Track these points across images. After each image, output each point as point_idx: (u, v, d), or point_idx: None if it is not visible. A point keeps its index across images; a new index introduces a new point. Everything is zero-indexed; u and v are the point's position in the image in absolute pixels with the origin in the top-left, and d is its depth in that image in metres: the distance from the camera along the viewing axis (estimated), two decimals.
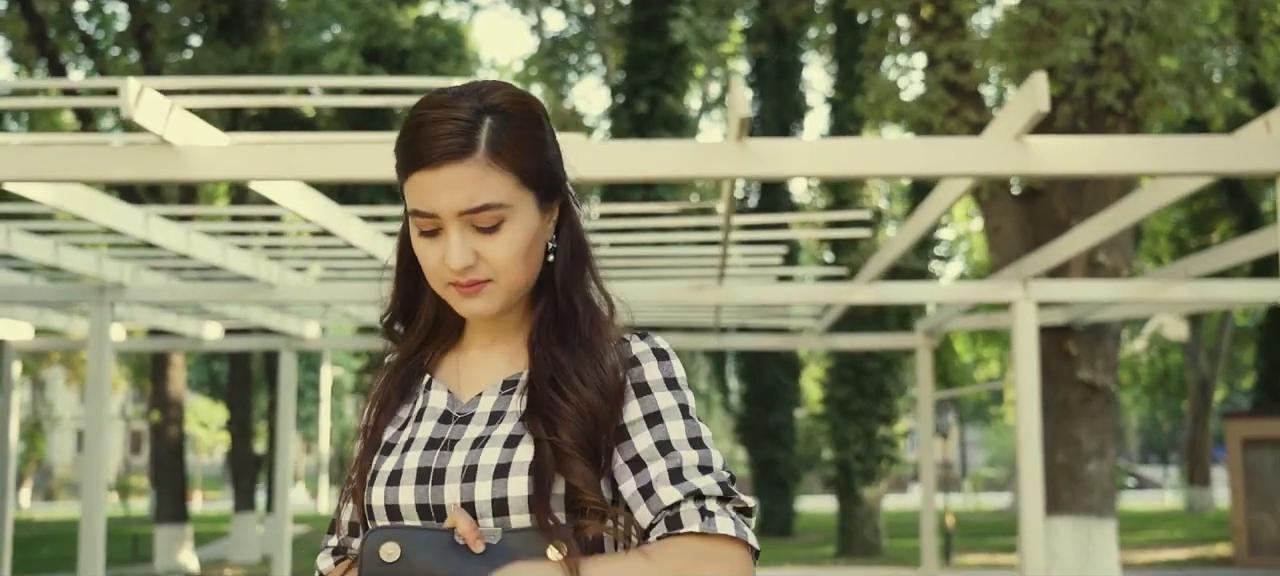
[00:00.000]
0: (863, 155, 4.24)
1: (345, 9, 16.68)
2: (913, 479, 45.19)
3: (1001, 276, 8.09)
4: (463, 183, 1.47)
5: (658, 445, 1.49)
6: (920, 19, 10.05)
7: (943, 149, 4.26)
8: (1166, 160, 4.10)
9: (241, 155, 4.43)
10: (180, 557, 17.27)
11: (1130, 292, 7.64)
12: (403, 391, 1.63)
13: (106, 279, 7.48)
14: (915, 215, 6.20)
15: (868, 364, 19.54)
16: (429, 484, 1.49)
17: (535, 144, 1.52)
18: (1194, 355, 26.38)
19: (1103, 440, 9.54)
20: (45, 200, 5.10)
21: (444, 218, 1.48)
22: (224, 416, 37.48)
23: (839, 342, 11.22)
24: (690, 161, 4.25)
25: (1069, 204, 9.63)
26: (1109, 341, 9.58)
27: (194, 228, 6.77)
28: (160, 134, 4.12)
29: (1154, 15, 8.81)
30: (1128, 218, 5.86)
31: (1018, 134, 4.10)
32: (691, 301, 7.89)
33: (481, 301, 1.52)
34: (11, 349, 10.18)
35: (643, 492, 1.46)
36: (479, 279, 1.51)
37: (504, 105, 1.50)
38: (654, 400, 1.53)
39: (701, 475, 1.47)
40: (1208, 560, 18.17)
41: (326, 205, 5.75)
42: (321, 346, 10.66)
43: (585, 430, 1.49)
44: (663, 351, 1.56)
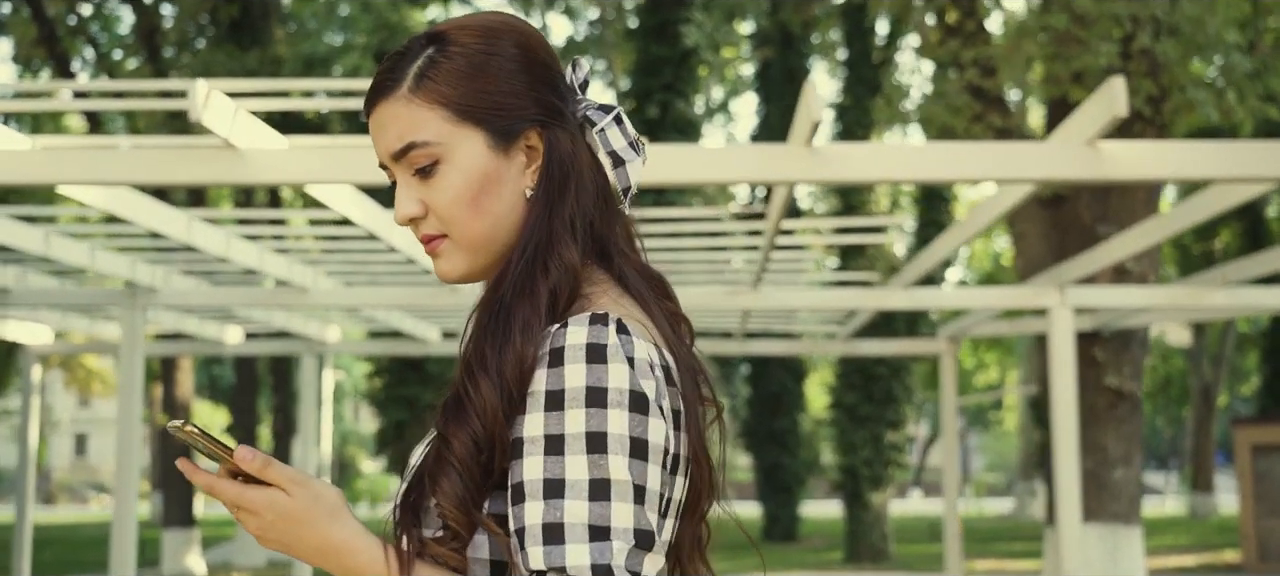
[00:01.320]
0: (930, 160, 4.22)
1: (357, 11, 16.65)
2: (913, 484, 45.21)
3: (1037, 282, 8.06)
4: (387, 121, 1.32)
5: (546, 482, 1.18)
6: (945, 24, 10.04)
7: (1013, 154, 4.24)
8: (1241, 166, 4.07)
9: (301, 158, 4.40)
10: (188, 561, 17.20)
11: (1169, 299, 7.63)
12: None
13: (139, 282, 7.44)
14: (966, 220, 6.18)
15: (876, 369, 19.53)
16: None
17: (477, 71, 1.31)
18: (1197, 361, 26.41)
19: (1129, 447, 9.53)
20: (95, 203, 5.07)
21: (389, 166, 1.35)
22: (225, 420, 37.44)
23: (863, 348, 11.18)
24: (759, 165, 4.22)
25: (1094, 210, 9.63)
26: (1136, 347, 9.57)
27: (235, 233, 6.74)
28: (226, 137, 4.09)
29: (1183, 20, 8.80)
30: (1178, 224, 5.84)
31: (1090, 139, 4.07)
32: (724, 307, 7.86)
33: (442, 263, 1.35)
34: (31, 353, 10.13)
35: (517, 536, 1.20)
36: (432, 233, 1.34)
37: (450, 32, 1.34)
38: (561, 418, 1.20)
39: (583, 543, 1.16)
40: (1217, 566, 18.17)
41: (375, 208, 5.72)
42: (343, 350, 10.62)
43: (481, 433, 1.24)
44: (598, 349, 1.21)
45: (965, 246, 23.81)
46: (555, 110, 1.35)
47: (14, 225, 6.26)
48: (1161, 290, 7.87)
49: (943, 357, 10.22)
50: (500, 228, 1.33)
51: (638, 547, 1.18)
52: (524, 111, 1.33)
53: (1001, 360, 38.47)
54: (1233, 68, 8.87)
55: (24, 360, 10.13)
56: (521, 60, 1.34)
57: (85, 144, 4.84)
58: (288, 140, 4.55)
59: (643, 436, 1.20)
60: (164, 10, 18.38)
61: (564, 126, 1.36)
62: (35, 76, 19.07)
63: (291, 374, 21.06)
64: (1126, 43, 9.06)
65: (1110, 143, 4.09)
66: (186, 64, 17.89)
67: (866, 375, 19.60)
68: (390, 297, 7.66)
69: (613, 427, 1.19)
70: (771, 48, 22.73)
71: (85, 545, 23.55)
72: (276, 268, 7.27)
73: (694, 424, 1.29)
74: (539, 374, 1.22)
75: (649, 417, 1.21)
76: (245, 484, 1.26)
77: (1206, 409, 26.41)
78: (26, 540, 10.13)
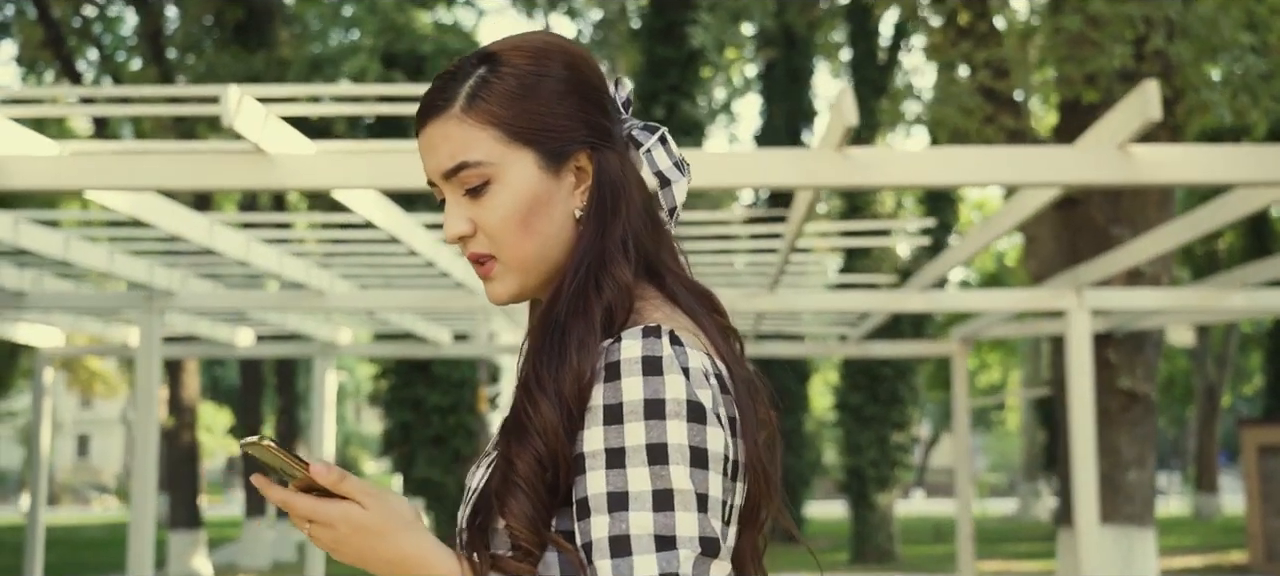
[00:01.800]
0: (963, 164, 4.21)
1: (364, 13, 16.65)
2: (916, 484, 45.21)
3: (1053, 284, 8.06)
4: (440, 141, 1.33)
5: (610, 496, 1.20)
6: (956, 25, 10.04)
7: (1044, 158, 4.24)
8: (1272, 169, 4.07)
9: (330, 163, 4.40)
10: (194, 563, 17.19)
11: (1186, 301, 7.62)
12: None
13: (155, 285, 7.43)
14: (989, 222, 6.18)
15: (881, 370, 19.54)
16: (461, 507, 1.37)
17: (528, 92, 1.33)
18: (1201, 361, 26.42)
19: (1142, 449, 9.52)
20: (119, 208, 5.06)
21: (438, 184, 1.36)
22: (228, 421, 37.46)
23: (876, 350, 11.18)
24: (791, 169, 4.22)
25: (1106, 211, 9.62)
26: (1149, 349, 9.56)
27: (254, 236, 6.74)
28: (257, 143, 4.09)
29: (1197, 22, 8.80)
30: (1201, 227, 5.84)
31: (1122, 143, 4.07)
32: (743, 309, 7.86)
33: (494, 285, 1.36)
34: (43, 355, 10.12)
35: (584, 550, 1.21)
36: (483, 253, 1.35)
37: (502, 53, 1.35)
38: (621, 432, 1.21)
39: (650, 554, 1.17)
40: (1224, 567, 18.17)
41: (397, 212, 5.72)
42: (354, 352, 10.61)
43: (544, 452, 1.24)
44: (654, 361, 1.22)
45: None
46: (604, 131, 1.37)
47: (35, 229, 6.26)
48: (1179, 292, 7.87)
49: (955, 359, 10.21)
50: (550, 248, 1.34)
51: (704, 555, 1.19)
52: (574, 133, 1.34)
53: (1004, 361, 38.48)
54: (1246, 69, 8.87)
55: (36, 363, 10.11)
56: (572, 82, 1.36)
57: (116, 149, 4.84)
58: (315, 145, 4.55)
59: (702, 445, 1.21)
60: (168, 12, 18.38)
61: (613, 147, 1.37)
62: (40, 79, 19.07)
63: (296, 376, 21.08)
64: (1140, 44, 9.05)
65: (1142, 146, 4.09)
66: (191, 66, 17.89)
67: (872, 376, 19.61)
68: (405, 300, 7.65)
69: (672, 438, 1.20)
70: (775, 49, 22.74)
71: (88, 546, 23.56)
72: (294, 271, 7.27)
73: (749, 431, 1.29)
74: (597, 389, 1.23)
75: (707, 426, 1.22)
76: (319, 498, 1.27)
77: (1210, 409, 26.42)
78: (39, 540, 10.11)
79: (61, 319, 9.58)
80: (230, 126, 3.86)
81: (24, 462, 38.53)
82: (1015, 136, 9.59)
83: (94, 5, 18.90)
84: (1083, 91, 9.11)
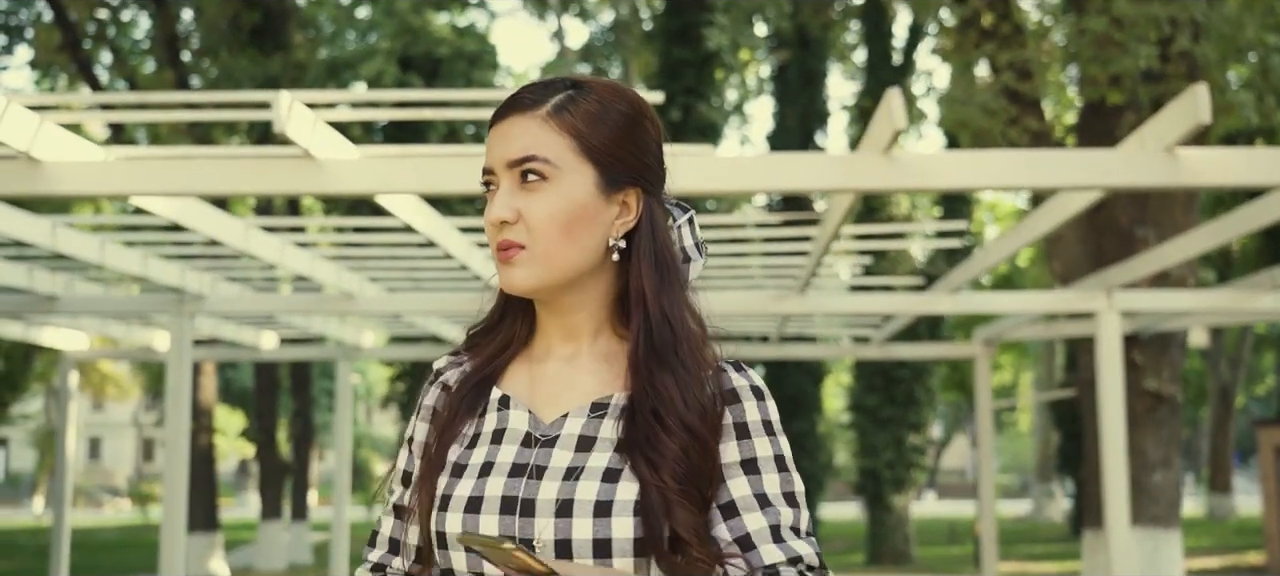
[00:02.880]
0: (1009, 167, 4.21)
1: (380, 16, 16.66)
2: (928, 486, 45.16)
3: (1083, 286, 8.05)
4: (517, 133, 1.45)
5: (757, 497, 1.44)
6: (980, 27, 10.03)
7: (1092, 161, 4.24)
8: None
9: (375, 168, 4.41)
10: (211, 565, 17.22)
11: (1216, 303, 7.62)
12: (469, 405, 1.52)
13: (187, 289, 7.45)
14: (1024, 224, 6.17)
15: (898, 371, 19.51)
16: (516, 515, 1.39)
17: (607, 122, 1.47)
18: (1215, 362, 26.36)
19: (1168, 450, 9.51)
20: (162, 212, 5.08)
21: (499, 172, 1.46)
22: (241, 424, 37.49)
23: (900, 351, 11.18)
24: (837, 173, 4.22)
25: (1131, 212, 9.60)
26: (1174, 350, 9.54)
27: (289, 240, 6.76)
28: (306, 148, 4.10)
29: (1222, 22, 8.79)
30: (1234, 231, 5.83)
31: (1169, 146, 4.07)
32: (771, 311, 7.86)
33: (516, 271, 1.45)
34: (69, 358, 10.15)
35: (739, 543, 1.42)
36: (515, 242, 1.44)
37: (591, 83, 1.50)
38: (752, 445, 1.47)
39: (799, 539, 1.45)
40: (1241, 568, 18.13)
41: (434, 216, 5.74)
42: (377, 355, 10.64)
43: (688, 469, 1.41)
44: (761, 390, 1.50)
45: (978, 249, 23.12)
46: (658, 179, 1.53)
47: (72, 233, 6.28)
48: (1208, 294, 7.86)
49: (978, 361, 10.21)
50: (580, 259, 1.46)
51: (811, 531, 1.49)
52: (634, 169, 1.49)
53: (1016, 363, 38.43)
54: (1271, 69, 8.86)
55: (62, 366, 10.14)
56: (645, 127, 1.51)
57: (163, 155, 4.85)
58: (360, 150, 4.57)
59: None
60: (184, 15, 18.40)
61: (659, 200, 1.53)
62: (54, 82, 19.10)
63: (310, 379, 21.09)
64: (1165, 45, 9.04)
65: (1190, 149, 4.09)
66: (207, 70, 17.92)
67: (888, 377, 19.59)
68: (434, 303, 7.66)
69: (788, 450, 1.50)
70: (789, 50, 22.71)
71: (103, 549, 23.59)
72: (325, 274, 7.28)
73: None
74: (727, 411, 1.47)
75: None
76: None
77: (1224, 410, 26.35)
78: (65, 543, 10.13)
79: (88, 323, 9.60)
80: (281, 132, 3.87)
81: (37, 465, 38.56)
82: (1039, 138, 9.59)
83: (109, 9, 18.93)
84: (1107, 92, 9.11)
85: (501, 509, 1.39)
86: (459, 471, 1.45)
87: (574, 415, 1.46)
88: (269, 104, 3.91)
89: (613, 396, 1.47)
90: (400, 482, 1.55)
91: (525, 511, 1.39)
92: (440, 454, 1.47)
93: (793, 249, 7.57)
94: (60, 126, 4.25)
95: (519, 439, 1.46)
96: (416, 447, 1.53)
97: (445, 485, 1.44)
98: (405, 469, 1.54)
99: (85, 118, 4.88)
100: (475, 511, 1.40)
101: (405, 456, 1.55)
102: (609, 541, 1.37)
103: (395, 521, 1.55)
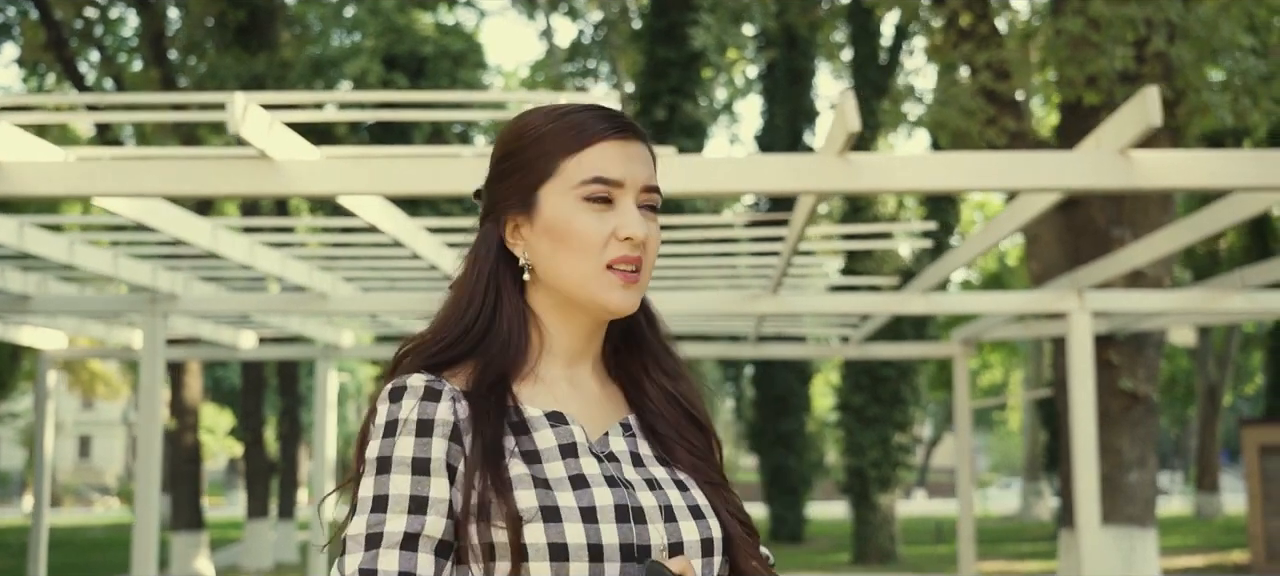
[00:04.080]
0: (965, 169, 4.23)
1: (365, 15, 16.66)
2: (917, 484, 45.21)
3: (1055, 286, 8.07)
4: (646, 159, 1.52)
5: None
6: (958, 27, 10.05)
7: (1045, 163, 4.26)
8: (1270, 174, 4.09)
9: (335, 169, 4.42)
10: (196, 564, 17.21)
11: (1187, 303, 7.64)
12: (497, 422, 1.44)
13: (159, 289, 7.45)
14: (991, 225, 6.19)
15: (884, 370, 19.55)
16: (632, 522, 1.40)
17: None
18: (1202, 361, 26.41)
19: (1144, 450, 9.54)
20: (125, 213, 5.09)
21: (628, 187, 1.48)
22: (229, 422, 37.49)
23: (877, 351, 11.20)
24: (791, 175, 4.23)
25: (1108, 213, 9.63)
26: (1150, 350, 9.58)
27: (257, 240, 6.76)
28: (262, 149, 4.11)
29: (1198, 24, 8.81)
30: (1201, 231, 5.85)
31: (1122, 148, 4.09)
32: (745, 311, 7.87)
33: (635, 293, 1.48)
34: (47, 358, 10.14)
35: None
36: (640, 262, 1.48)
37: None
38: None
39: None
40: (1225, 567, 18.19)
41: (399, 216, 5.74)
42: (356, 355, 10.64)
43: (718, 459, 1.55)
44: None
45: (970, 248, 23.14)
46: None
47: (39, 233, 6.28)
48: (1180, 294, 7.89)
49: (956, 361, 10.23)
50: None
51: None
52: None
53: (1006, 361, 38.49)
54: (1247, 71, 8.88)
55: (40, 365, 10.13)
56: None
57: (120, 155, 4.86)
58: (320, 151, 4.57)
59: None
60: (170, 14, 18.38)
61: None
62: (41, 80, 19.08)
63: (298, 377, 21.08)
64: (1140, 46, 9.07)
65: (1143, 152, 4.11)
66: (194, 68, 17.90)
67: (874, 377, 19.62)
68: (407, 303, 7.67)
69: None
70: (776, 49, 22.73)
71: (91, 548, 23.57)
72: (297, 274, 7.29)
73: None
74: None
75: None
76: None
77: (1212, 409, 26.42)
78: (42, 542, 10.13)
79: (65, 322, 9.60)
80: (236, 133, 3.88)
81: (26, 464, 38.52)
82: (1017, 138, 9.61)
83: (96, 7, 18.91)
84: (1084, 93, 9.13)
85: (617, 516, 1.40)
86: (543, 484, 1.40)
87: (613, 434, 1.51)
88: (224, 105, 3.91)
89: (629, 417, 1.54)
90: (436, 513, 1.38)
91: (638, 519, 1.41)
92: (500, 470, 1.39)
93: (770, 249, 7.60)
94: (19, 127, 4.25)
95: (589, 452, 1.46)
96: (447, 471, 1.40)
97: (540, 497, 1.38)
98: (447, 498, 1.39)
99: (55, 119, 4.88)
100: (593, 521, 1.38)
101: (440, 485, 1.39)
102: (711, 541, 1.46)
103: (437, 560, 1.38)
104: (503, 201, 1.52)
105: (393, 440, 1.40)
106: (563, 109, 1.51)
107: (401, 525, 1.36)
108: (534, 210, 1.49)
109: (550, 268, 1.48)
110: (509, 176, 1.51)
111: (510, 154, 1.52)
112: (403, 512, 1.37)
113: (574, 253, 1.46)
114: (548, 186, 1.48)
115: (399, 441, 1.40)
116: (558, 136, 1.48)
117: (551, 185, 1.48)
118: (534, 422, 1.46)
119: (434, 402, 1.41)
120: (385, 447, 1.40)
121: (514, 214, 1.51)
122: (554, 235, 1.47)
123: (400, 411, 1.41)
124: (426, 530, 1.37)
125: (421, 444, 1.39)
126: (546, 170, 1.48)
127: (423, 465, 1.39)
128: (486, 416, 1.42)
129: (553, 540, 1.36)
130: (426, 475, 1.39)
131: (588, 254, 1.45)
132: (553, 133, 1.49)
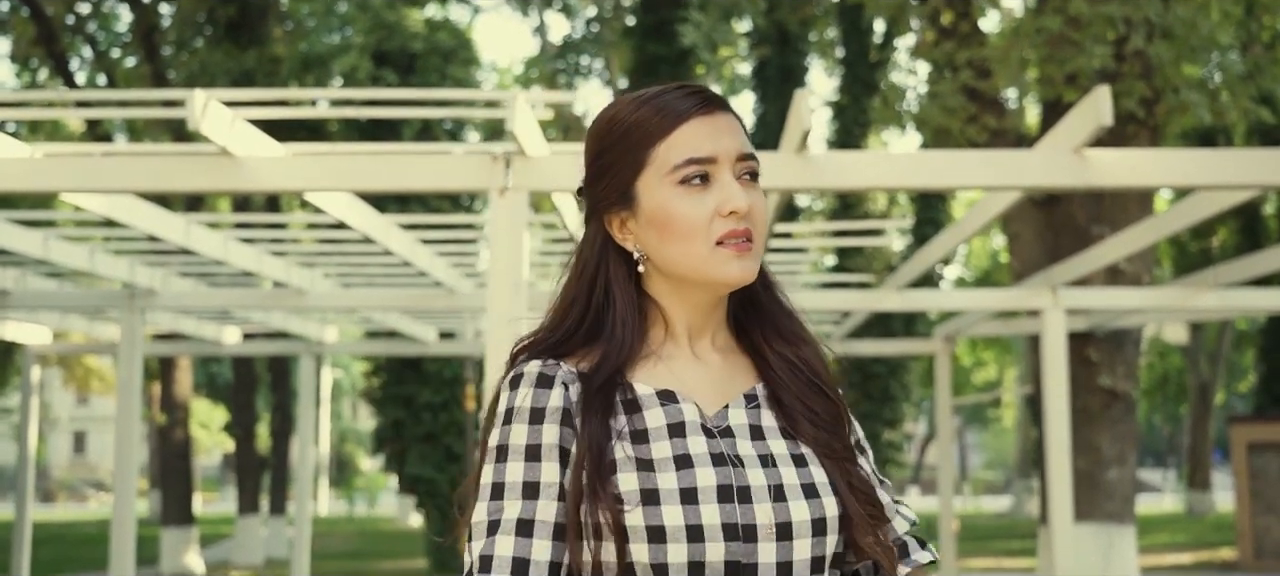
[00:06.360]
0: (923, 168, 4.26)
1: (355, 11, 16.66)
2: (911, 481, 45.23)
3: (1030, 284, 8.11)
4: (737, 130, 1.52)
5: (872, 474, 1.56)
6: (939, 26, 10.08)
7: (1001, 162, 4.29)
8: (1227, 173, 4.12)
9: (300, 166, 4.44)
10: (186, 559, 17.25)
11: (1161, 300, 7.68)
12: (606, 404, 1.47)
13: (138, 285, 7.48)
14: (959, 224, 6.23)
15: (874, 367, 19.58)
16: (736, 503, 1.41)
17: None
18: (1194, 359, 26.45)
19: (1123, 447, 9.57)
20: (95, 209, 5.11)
21: (722, 161, 1.48)
22: (223, 418, 37.47)
23: (859, 348, 11.23)
24: None
25: (1088, 210, 9.66)
26: (1130, 347, 9.61)
27: (232, 236, 6.79)
28: (223, 145, 4.13)
29: (1177, 23, 8.84)
30: (1172, 226, 5.88)
31: (1077, 147, 4.12)
32: None
33: (751, 262, 1.48)
34: (31, 353, 10.17)
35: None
36: (751, 232, 1.48)
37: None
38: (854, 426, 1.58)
39: (903, 509, 1.60)
40: (1213, 564, 18.22)
41: (369, 212, 5.76)
42: (340, 351, 10.67)
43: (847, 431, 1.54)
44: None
45: (964, 245, 23.71)
46: None
47: (14, 229, 6.30)
48: (1153, 292, 7.92)
49: (938, 357, 10.27)
50: None
51: None
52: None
53: (999, 358, 38.53)
54: (1225, 69, 8.91)
55: (24, 360, 10.16)
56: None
57: (86, 150, 4.88)
58: (285, 148, 4.60)
59: None
60: (162, 9, 18.40)
61: None
62: (33, 75, 19.10)
63: (290, 372, 21.10)
64: (1120, 44, 9.10)
65: (1097, 150, 4.14)
66: (185, 63, 17.92)
67: (865, 373, 19.65)
68: (387, 299, 7.70)
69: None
70: (768, 46, 22.75)
71: (84, 543, 23.60)
72: (274, 270, 7.32)
73: None
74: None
75: None
76: None
77: (1203, 406, 26.44)
78: (26, 538, 10.16)
79: (48, 317, 9.63)
80: (194, 129, 3.91)
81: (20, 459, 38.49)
82: (997, 136, 9.64)
83: (87, 2, 18.93)
84: (1063, 91, 9.16)
85: (719, 497, 1.40)
86: (646, 466, 1.42)
87: (733, 407, 1.50)
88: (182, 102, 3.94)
89: (755, 387, 1.53)
90: (547, 497, 1.42)
91: (742, 498, 1.41)
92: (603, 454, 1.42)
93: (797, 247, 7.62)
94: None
95: (699, 430, 1.46)
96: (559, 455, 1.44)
97: (641, 480, 1.41)
98: (558, 482, 1.43)
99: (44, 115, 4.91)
100: (693, 502, 1.39)
101: (552, 469, 1.43)
102: (824, 520, 1.43)
103: (554, 544, 1.41)
104: (603, 201, 1.53)
105: (509, 427, 1.46)
106: (644, 95, 1.52)
107: (516, 511, 1.41)
108: (635, 204, 1.50)
109: (662, 256, 1.50)
110: (604, 176, 1.52)
111: (601, 152, 1.53)
112: (518, 498, 1.42)
113: (681, 239, 1.47)
114: (643, 178, 1.49)
115: (514, 429, 1.45)
116: (643, 125, 1.49)
117: (646, 176, 1.49)
118: (645, 401, 1.48)
119: (547, 388, 1.46)
120: (502, 435, 1.46)
121: (616, 211, 1.52)
122: (658, 225, 1.48)
123: (515, 399, 1.47)
124: (540, 514, 1.41)
125: (534, 431, 1.44)
126: (639, 162, 1.49)
127: (535, 451, 1.43)
128: (593, 402, 1.45)
129: (650, 522, 1.38)
130: (538, 460, 1.43)
131: (694, 238, 1.47)
132: (637, 122, 1.49)
